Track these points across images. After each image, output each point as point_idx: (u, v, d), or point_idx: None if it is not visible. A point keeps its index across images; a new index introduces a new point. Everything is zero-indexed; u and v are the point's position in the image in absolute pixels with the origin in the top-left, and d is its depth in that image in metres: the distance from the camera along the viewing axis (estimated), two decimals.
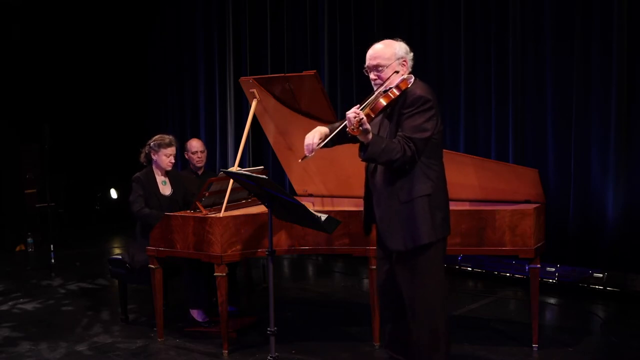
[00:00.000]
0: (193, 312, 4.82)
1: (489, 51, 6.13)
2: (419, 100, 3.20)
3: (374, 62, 3.30)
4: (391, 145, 3.15)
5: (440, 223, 3.31)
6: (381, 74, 3.29)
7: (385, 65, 3.28)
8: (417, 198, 3.24)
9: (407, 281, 3.34)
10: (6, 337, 4.80)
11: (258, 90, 4.56)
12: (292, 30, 7.69)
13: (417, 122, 3.18)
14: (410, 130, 3.18)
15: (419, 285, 3.32)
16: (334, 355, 4.28)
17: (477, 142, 6.28)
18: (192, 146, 5.60)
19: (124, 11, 9.34)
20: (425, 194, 3.25)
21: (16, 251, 7.81)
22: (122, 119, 9.41)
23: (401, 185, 3.26)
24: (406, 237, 3.26)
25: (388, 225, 3.32)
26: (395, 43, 3.35)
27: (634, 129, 5.39)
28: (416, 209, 3.24)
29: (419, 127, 3.18)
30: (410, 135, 3.17)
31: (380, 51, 3.31)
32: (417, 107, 3.19)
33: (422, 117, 3.19)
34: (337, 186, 5.01)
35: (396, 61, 3.30)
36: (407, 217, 3.26)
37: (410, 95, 3.22)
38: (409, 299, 3.35)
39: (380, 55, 3.30)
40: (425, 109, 3.20)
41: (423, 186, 3.25)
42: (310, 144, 3.35)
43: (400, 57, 3.31)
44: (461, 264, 6.27)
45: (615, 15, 5.33)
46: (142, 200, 4.85)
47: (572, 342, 4.42)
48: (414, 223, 3.24)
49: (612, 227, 5.49)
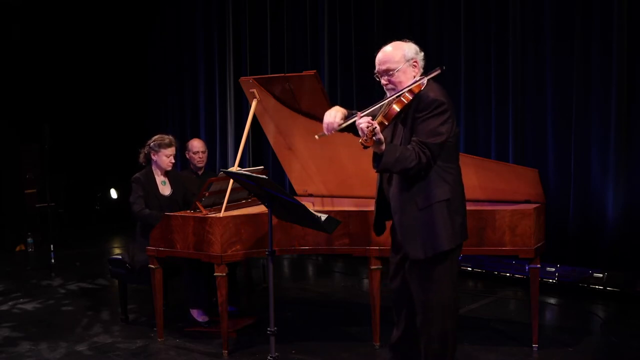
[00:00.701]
0: (193, 312, 4.82)
1: (489, 51, 6.13)
2: (433, 104, 3.10)
3: (383, 66, 3.21)
4: (405, 153, 3.05)
5: (459, 229, 3.24)
6: (392, 78, 3.20)
7: (395, 68, 3.18)
8: (435, 203, 3.15)
9: (422, 287, 3.26)
10: (6, 337, 4.80)
11: (258, 90, 4.55)
12: (292, 30, 7.69)
13: (432, 126, 3.09)
14: (424, 135, 3.08)
15: (434, 292, 3.24)
16: (334, 355, 4.28)
17: (477, 142, 6.28)
18: (194, 146, 5.60)
19: (124, 11, 9.34)
20: (443, 198, 3.16)
21: (16, 251, 7.81)
22: (122, 119, 9.41)
23: (418, 190, 3.16)
24: (426, 244, 3.17)
25: (407, 232, 3.22)
26: (404, 44, 3.25)
27: (634, 129, 5.39)
28: (435, 214, 3.15)
29: (434, 131, 3.08)
30: (425, 140, 3.07)
31: (389, 54, 3.21)
32: (430, 110, 3.09)
33: (436, 120, 3.09)
34: (337, 186, 5.01)
35: (406, 63, 3.20)
36: (426, 223, 3.17)
37: (424, 98, 3.11)
38: (422, 305, 3.28)
39: (389, 59, 3.20)
40: (439, 112, 3.10)
41: (440, 190, 3.16)
42: (331, 122, 3.25)
43: (410, 58, 3.22)
44: (461, 264, 6.25)
45: (615, 15, 5.33)
46: (142, 201, 4.85)
47: (572, 342, 4.42)
48: (433, 230, 3.16)
49: (612, 227, 5.49)
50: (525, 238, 4.09)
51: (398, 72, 3.19)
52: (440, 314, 3.26)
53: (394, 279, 3.49)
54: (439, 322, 3.27)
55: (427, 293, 3.25)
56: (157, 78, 9.52)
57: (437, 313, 3.26)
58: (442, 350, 3.30)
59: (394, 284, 3.50)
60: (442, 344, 3.30)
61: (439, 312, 3.25)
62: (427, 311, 3.27)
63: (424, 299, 3.26)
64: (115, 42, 9.38)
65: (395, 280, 3.48)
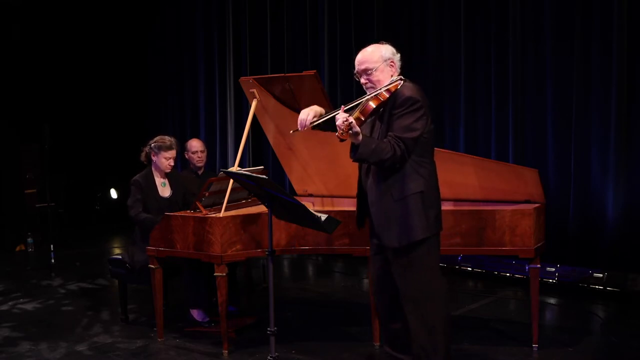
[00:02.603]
0: (193, 312, 4.82)
1: (489, 51, 6.13)
2: (408, 101, 3.28)
3: (362, 66, 3.41)
4: (381, 145, 3.23)
5: (434, 220, 3.38)
6: (370, 77, 3.39)
7: (373, 67, 3.37)
8: (410, 195, 3.31)
9: (402, 277, 3.40)
10: (6, 337, 4.80)
11: (258, 90, 4.55)
12: (292, 30, 7.69)
13: (407, 122, 3.26)
14: (399, 130, 3.26)
15: (413, 281, 3.37)
16: (334, 355, 4.28)
17: (477, 142, 6.28)
18: (192, 146, 5.60)
19: (124, 11, 9.34)
20: (417, 191, 3.32)
21: (16, 251, 7.81)
22: (122, 119, 9.41)
23: (394, 183, 3.33)
24: (400, 233, 3.33)
25: (382, 222, 3.38)
26: (381, 46, 3.43)
27: (634, 129, 5.39)
28: (409, 206, 3.31)
29: (408, 127, 3.26)
30: (400, 135, 3.25)
31: (367, 55, 3.41)
32: (406, 107, 3.27)
33: (411, 117, 3.27)
34: (337, 186, 5.00)
35: (384, 63, 3.39)
36: (401, 214, 3.32)
37: (400, 96, 3.30)
38: (404, 295, 3.41)
39: (367, 60, 3.40)
40: (414, 109, 3.27)
41: (415, 183, 3.32)
42: (303, 119, 3.44)
43: (388, 58, 3.40)
44: (461, 264, 6.26)
45: (615, 15, 5.33)
46: (139, 204, 4.83)
47: (572, 342, 4.42)
48: (408, 220, 3.31)
49: (612, 227, 5.49)
50: (525, 238, 4.09)
51: (376, 72, 3.39)
52: (421, 304, 3.37)
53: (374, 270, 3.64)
54: (421, 312, 3.37)
55: (406, 283, 3.38)
56: (157, 78, 9.52)
57: (418, 303, 3.37)
58: (431, 343, 3.38)
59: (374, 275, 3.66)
60: (429, 336, 3.38)
61: (420, 303, 3.37)
62: (408, 301, 3.39)
63: (405, 290, 3.39)
64: (115, 42, 9.38)
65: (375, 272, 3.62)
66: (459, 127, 6.34)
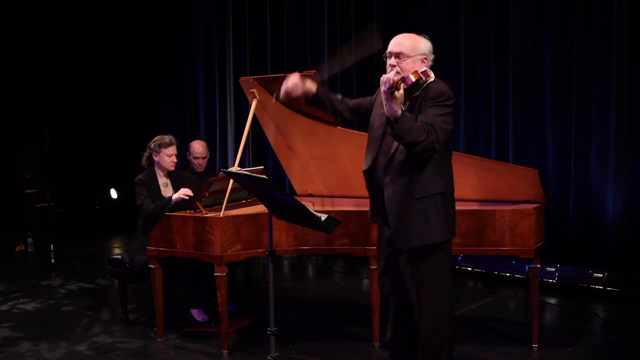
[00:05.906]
0: (193, 311, 4.82)
1: (489, 51, 6.13)
2: (444, 95, 3.19)
3: (397, 49, 3.27)
4: (417, 125, 3.10)
5: (451, 223, 3.32)
6: (401, 63, 3.25)
7: (408, 55, 3.25)
8: (431, 195, 3.22)
9: (417, 282, 3.30)
10: (6, 337, 4.80)
11: (258, 90, 4.55)
12: (292, 30, 7.69)
13: (441, 113, 3.16)
14: (433, 119, 3.14)
15: (429, 287, 3.28)
16: (334, 355, 4.28)
17: (477, 142, 6.28)
18: (195, 150, 5.49)
19: (125, 11, 9.34)
20: (439, 192, 3.24)
21: (16, 251, 7.81)
22: (122, 119, 9.41)
23: (415, 181, 3.21)
24: (419, 234, 3.23)
25: (400, 221, 3.26)
26: (423, 39, 3.32)
27: (634, 129, 5.39)
28: (430, 206, 3.22)
29: (442, 118, 3.16)
30: (433, 123, 3.12)
31: (408, 41, 3.28)
32: (442, 100, 3.18)
33: (444, 110, 3.17)
34: (337, 186, 5.00)
35: (418, 55, 3.27)
36: (421, 213, 3.22)
37: (435, 89, 3.20)
38: (417, 300, 3.32)
39: (406, 45, 3.27)
40: (448, 104, 3.19)
41: (437, 184, 3.24)
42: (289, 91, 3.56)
43: (423, 53, 3.29)
44: (461, 264, 6.26)
45: (615, 15, 5.33)
46: (149, 200, 4.83)
47: (572, 342, 4.42)
48: (428, 220, 3.22)
49: (612, 227, 5.49)
50: (525, 238, 4.09)
51: (408, 60, 3.25)
52: (435, 309, 3.30)
53: (384, 276, 3.53)
54: (434, 317, 3.31)
55: (421, 289, 3.29)
56: (157, 78, 9.52)
57: (432, 309, 3.30)
58: (438, 345, 3.34)
59: (385, 285, 3.54)
60: (439, 340, 3.34)
61: (434, 308, 3.30)
62: (422, 306, 3.31)
63: (419, 296, 3.31)
64: (115, 42, 9.38)
65: (386, 277, 3.52)
66: (459, 127, 6.33)
